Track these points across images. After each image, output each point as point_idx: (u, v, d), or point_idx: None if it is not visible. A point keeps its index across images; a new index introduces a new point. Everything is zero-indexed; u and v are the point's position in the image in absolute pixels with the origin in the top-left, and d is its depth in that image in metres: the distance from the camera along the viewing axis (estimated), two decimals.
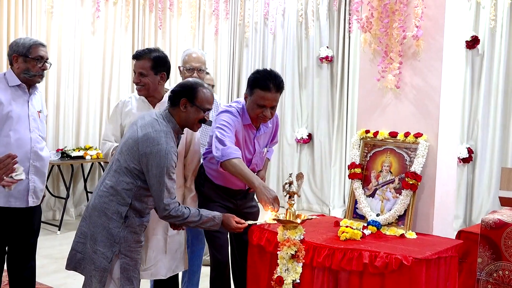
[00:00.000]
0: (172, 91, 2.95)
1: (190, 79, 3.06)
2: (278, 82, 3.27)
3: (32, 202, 3.53)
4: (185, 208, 2.91)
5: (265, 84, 3.23)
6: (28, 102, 3.51)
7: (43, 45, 3.52)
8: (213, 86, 4.35)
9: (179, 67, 4.31)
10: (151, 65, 3.37)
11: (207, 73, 4.80)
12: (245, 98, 3.39)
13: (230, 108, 3.38)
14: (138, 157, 2.81)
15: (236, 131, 3.32)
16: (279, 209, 3.05)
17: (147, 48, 3.48)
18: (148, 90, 3.42)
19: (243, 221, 3.05)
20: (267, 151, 3.67)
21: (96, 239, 2.84)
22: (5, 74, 3.50)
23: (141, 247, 2.99)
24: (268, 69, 3.37)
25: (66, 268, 3.01)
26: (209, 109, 2.98)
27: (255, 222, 3.11)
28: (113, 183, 2.87)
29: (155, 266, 3.36)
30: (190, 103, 2.91)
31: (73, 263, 2.97)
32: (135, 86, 3.50)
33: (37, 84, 3.60)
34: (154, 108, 3.45)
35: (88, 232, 2.91)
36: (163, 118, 2.91)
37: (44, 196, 3.74)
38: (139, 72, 3.39)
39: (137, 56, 3.41)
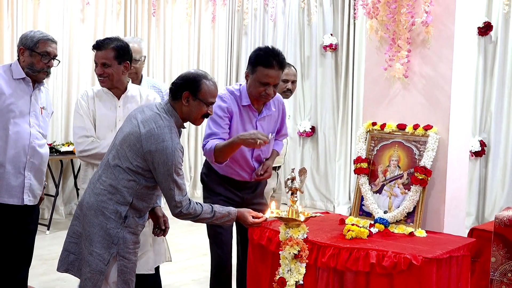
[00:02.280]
0: (174, 84, 2.94)
1: (192, 70, 3.04)
2: (281, 59, 3.37)
3: (28, 201, 3.56)
4: (197, 204, 2.93)
5: (267, 61, 3.32)
6: (31, 96, 3.55)
7: (52, 41, 3.55)
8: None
9: None
10: (114, 54, 3.42)
11: None
12: (246, 77, 3.48)
13: (222, 92, 3.46)
14: (142, 154, 2.81)
15: (231, 113, 3.43)
16: (268, 141, 3.24)
17: (107, 38, 3.51)
18: (112, 81, 3.48)
19: (260, 214, 3.05)
20: (273, 138, 3.67)
21: (92, 239, 2.83)
22: (11, 65, 3.54)
23: (139, 248, 3.00)
24: (270, 46, 3.45)
25: (58, 270, 3.00)
26: (212, 103, 2.98)
27: (276, 216, 3.04)
28: (112, 181, 2.85)
29: (142, 258, 3.41)
30: (193, 96, 2.89)
31: (65, 265, 2.97)
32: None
33: (45, 80, 3.64)
34: (119, 100, 3.49)
35: (82, 232, 2.90)
36: (165, 112, 2.89)
37: (42, 199, 3.75)
38: (101, 63, 3.41)
39: (98, 46, 3.42)
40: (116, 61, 3.42)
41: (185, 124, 3.03)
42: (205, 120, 3.08)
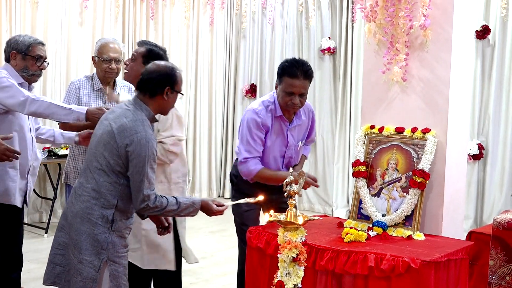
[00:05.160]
0: (149, 80, 2.92)
1: (161, 63, 3.02)
2: (306, 69, 3.49)
3: (27, 203, 3.66)
4: (162, 197, 2.90)
5: (292, 71, 3.46)
6: None
7: (42, 44, 3.65)
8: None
9: (93, 57, 4.34)
10: (143, 52, 3.50)
11: None
12: (276, 88, 3.60)
13: (258, 108, 3.58)
14: (117, 150, 2.79)
15: (266, 128, 3.56)
16: (302, 185, 3.13)
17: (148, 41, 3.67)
18: (130, 76, 3.56)
19: (222, 202, 3.10)
20: (302, 146, 3.76)
21: (80, 247, 2.80)
22: (6, 70, 3.53)
23: (128, 252, 2.98)
24: (296, 57, 3.62)
25: (44, 284, 2.95)
26: (182, 94, 3.05)
27: (236, 202, 3.14)
28: (94, 185, 2.83)
29: (132, 251, 3.48)
30: (171, 90, 2.93)
31: (52, 278, 2.92)
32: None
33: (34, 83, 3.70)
34: None
35: (69, 242, 2.86)
36: (135, 107, 2.89)
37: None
38: (132, 54, 3.55)
39: (141, 43, 3.59)
40: (142, 59, 3.48)
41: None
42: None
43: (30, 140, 3.57)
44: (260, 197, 3.08)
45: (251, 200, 3.07)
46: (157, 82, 2.90)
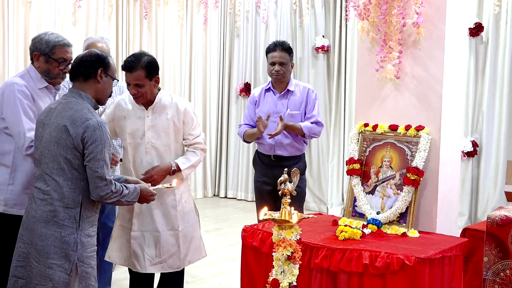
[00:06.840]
0: (81, 63, 2.90)
1: (91, 49, 3.02)
2: (281, 42, 4.37)
3: None
4: (118, 183, 2.89)
5: (270, 47, 4.35)
6: None
7: (68, 45, 3.36)
8: None
9: None
10: (145, 74, 3.41)
11: None
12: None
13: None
14: (73, 142, 2.73)
15: (255, 99, 4.47)
16: (266, 125, 4.14)
17: (133, 56, 3.48)
18: (146, 98, 3.49)
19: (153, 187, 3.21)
20: (297, 115, 4.32)
21: (48, 252, 2.72)
22: (29, 73, 3.33)
23: (95, 251, 2.91)
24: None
25: None
26: (116, 79, 3.02)
27: (162, 186, 3.27)
28: (55, 186, 2.76)
29: (170, 258, 3.55)
30: (105, 73, 2.91)
31: None
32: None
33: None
34: (147, 110, 3.50)
35: (29, 251, 2.78)
36: (75, 98, 2.85)
37: None
38: (134, 84, 3.42)
39: (129, 68, 3.41)
40: (148, 79, 3.43)
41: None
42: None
43: None
44: (174, 182, 3.23)
45: (167, 185, 3.20)
46: (89, 64, 2.89)
